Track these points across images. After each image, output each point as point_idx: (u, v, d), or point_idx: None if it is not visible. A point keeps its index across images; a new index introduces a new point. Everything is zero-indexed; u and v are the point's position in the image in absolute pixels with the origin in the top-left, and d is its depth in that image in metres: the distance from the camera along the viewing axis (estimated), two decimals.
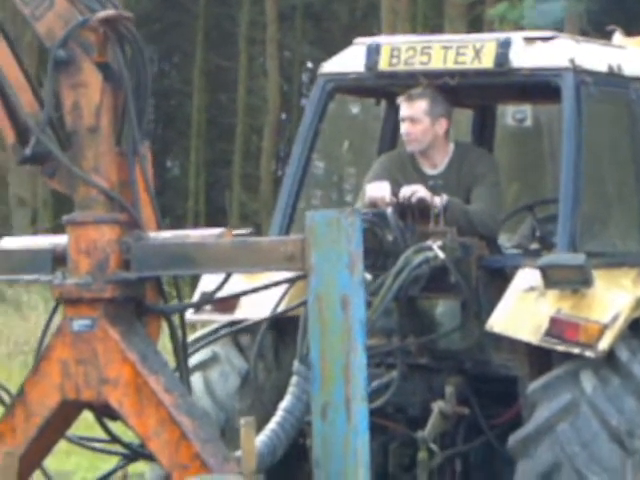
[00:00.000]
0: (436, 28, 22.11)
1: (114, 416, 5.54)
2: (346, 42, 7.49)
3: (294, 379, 5.87)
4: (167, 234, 5.65)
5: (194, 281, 6.55)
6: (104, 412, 5.56)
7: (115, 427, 5.71)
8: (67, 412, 5.56)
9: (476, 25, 21.39)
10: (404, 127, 6.85)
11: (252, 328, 6.59)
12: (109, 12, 5.42)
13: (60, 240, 5.58)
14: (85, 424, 5.78)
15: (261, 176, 28.39)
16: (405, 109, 6.83)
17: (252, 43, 29.61)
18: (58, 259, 5.50)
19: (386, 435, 6.36)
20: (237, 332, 6.70)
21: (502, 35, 7.00)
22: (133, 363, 5.34)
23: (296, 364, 5.88)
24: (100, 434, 5.80)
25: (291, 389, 5.89)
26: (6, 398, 5.69)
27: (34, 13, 5.42)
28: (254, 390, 6.61)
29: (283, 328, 6.45)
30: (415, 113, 6.80)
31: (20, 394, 5.56)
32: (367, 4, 28.00)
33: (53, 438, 5.65)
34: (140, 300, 5.52)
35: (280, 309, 6.32)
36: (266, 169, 28.34)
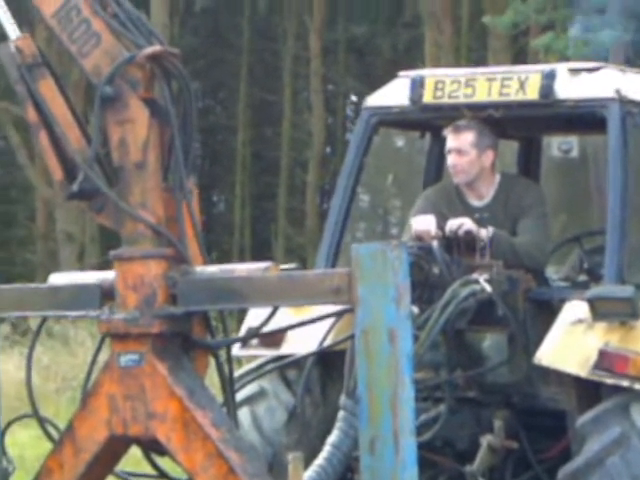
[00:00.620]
0: (480, 60, 22.13)
1: (162, 451, 5.54)
2: (390, 75, 7.50)
3: (341, 414, 5.89)
4: (213, 268, 5.64)
5: (241, 315, 6.55)
6: (152, 447, 5.57)
7: (163, 462, 5.71)
8: (115, 447, 5.56)
9: (521, 57, 21.37)
10: (451, 159, 6.84)
11: (299, 362, 6.58)
12: (155, 48, 5.43)
13: (107, 275, 5.57)
14: (133, 460, 5.77)
15: (306, 210, 28.41)
16: (452, 141, 6.82)
17: (296, 77, 29.70)
18: (106, 294, 5.50)
19: (434, 469, 6.34)
20: (284, 367, 6.68)
21: (547, 66, 7.00)
22: (180, 398, 5.34)
23: (343, 398, 5.89)
24: (148, 470, 5.80)
25: (338, 424, 5.90)
26: (54, 434, 5.70)
27: (81, 50, 5.45)
28: (301, 425, 6.61)
29: (330, 362, 6.44)
30: (462, 145, 6.79)
31: (68, 429, 5.56)
32: (410, 38, 28.04)
33: (101, 474, 5.65)
34: (187, 335, 5.51)
35: (327, 343, 6.33)
36: (311, 203, 28.36)
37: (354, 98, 31.55)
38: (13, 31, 5.60)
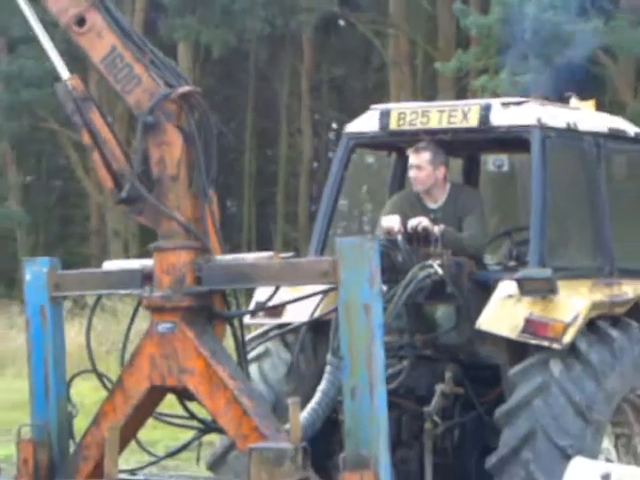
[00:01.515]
0: (432, 97, 22.06)
1: (191, 398, 5.55)
2: (363, 108, 7.47)
3: (328, 368, 5.85)
4: (229, 257, 5.66)
5: (249, 293, 6.53)
6: (184, 395, 5.57)
7: (192, 406, 5.71)
8: (155, 395, 5.57)
9: (463, 94, 21.33)
10: (412, 172, 6.80)
11: (295, 329, 6.55)
12: (185, 88, 5.43)
13: (147, 263, 5.58)
14: (169, 404, 5.77)
15: (299, 212, 28.44)
16: (413, 159, 6.78)
17: (290, 109, 29.65)
18: (146, 277, 5.50)
19: (400, 410, 6.32)
20: (284, 332, 6.65)
21: (483, 101, 6.96)
22: (205, 357, 5.35)
23: (329, 357, 5.85)
24: (181, 412, 5.80)
25: (326, 376, 5.86)
26: (108, 385, 5.71)
27: (124, 89, 5.43)
28: (297, 377, 6.55)
29: (319, 329, 6.39)
30: (421, 162, 6.74)
31: (119, 382, 5.58)
32: (378, 79, 28.04)
33: (144, 416, 5.67)
34: (210, 308, 5.52)
35: (316, 314, 6.28)
36: (302, 206, 28.37)
37: (335, 125, 31.51)
38: (65, 72, 5.55)
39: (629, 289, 6.67)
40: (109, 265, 6.09)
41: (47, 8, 5.50)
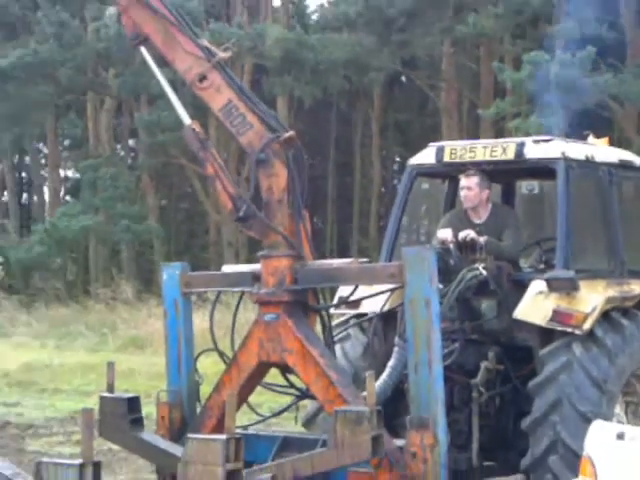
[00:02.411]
0: (475, 137, 21.88)
1: (290, 371, 5.57)
2: (420, 145, 7.43)
3: (396, 348, 5.84)
4: (318, 262, 5.65)
5: (333, 290, 6.52)
6: (284, 369, 5.59)
7: (291, 378, 5.73)
8: (262, 369, 5.60)
9: (500, 134, 21.13)
10: (463, 192, 6.74)
11: (370, 318, 6.52)
12: (289, 134, 5.41)
13: (256, 267, 5.59)
14: (273, 375, 5.79)
15: (370, 227, 28.42)
16: (464, 181, 6.72)
17: (363, 146, 29.65)
18: (255, 278, 5.52)
19: (453, 382, 6.27)
20: (361, 321, 6.64)
21: (519, 139, 6.89)
22: (301, 340, 5.36)
23: (397, 339, 5.84)
24: (281, 382, 5.82)
25: (394, 354, 5.85)
26: (226, 361, 5.74)
27: (239, 132, 5.42)
28: (371, 355, 6.52)
29: (388, 318, 6.37)
30: (470, 184, 6.69)
31: (234, 358, 5.61)
32: (432, 122, 27.86)
33: (253, 385, 5.70)
34: (304, 302, 5.52)
35: (386, 307, 6.24)
36: (373, 222, 28.32)
37: (398, 159, 31.45)
38: (187, 118, 5.53)
39: (636, 287, 6.53)
40: (227, 268, 6.15)
41: (175, 68, 5.50)
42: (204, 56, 5.43)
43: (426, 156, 6.99)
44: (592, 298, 6.15)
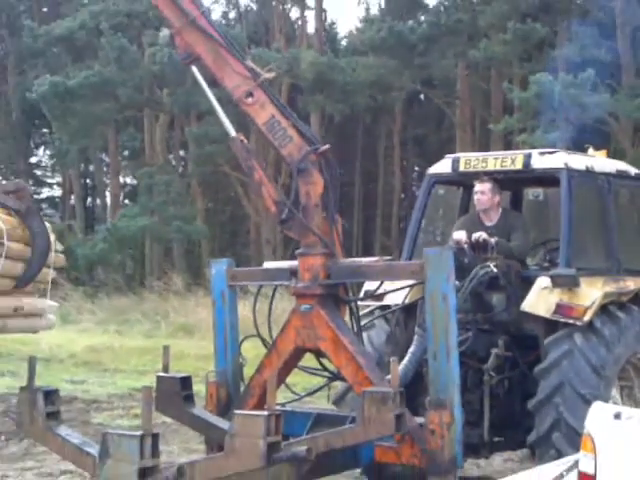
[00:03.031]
0: (486, 149, 21.74)
1: (323, 356, 5.56)
2: (437, 156, 7.37)
3: (416, 336, 5.81)
4: (348, 260, 5.62)
5: (360, 285, 6.48)
6: (318, 354, 5.58)
7: (325, 362, 5.71)
8: (298, 354, 5.59)
9: (508, 147, 20.97)
10: (477, 196, 6.71)
11: (393, 310, 6.52)
12: (325, 147, 5.39)
13: (293, 263, 5.58)
14: (308, 359, 5.79)
15: (391, 228, 28.31)
16: (478, 187, 6.69)
17: (386, 157, 29.58)
18: (293, 273, 5.51)
19: (467, 367, 6.25)
20: (385, 312, 6.63)
21: (526, 151, 6.83)
22: (333, 328, 5.35)
23: (417, 328, 5.82)
24: (315, 365, 5.81)
25: (414, 342, 5.81)
26: (266, 346, 5.74)
27: (280, 144, 5.39)
28: (394, 342, 6.51)
29: (409, 309, 6.36)
30: (484, 189, 6.66)
31: (273, 344, 5.61)
32: (448, 135, 27.72)
33: (290, 368, 5.69)
34: (336, 295, 5.50)
35: (407, 300, 6.22)
36: (394, 224, 28.22)
37: (416, 168, 31.34)
38: (232, 131, 5.48)
39: (631, 283, 6.46)
40: (268, 264, 6.16)
41: (223, 86, 5.44)
42: (250, 76, 5.40)
43: (443, 166, 6.95)
44: (591, 293, 6.10)
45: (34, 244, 5.15)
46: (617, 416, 3.45)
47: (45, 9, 31.74)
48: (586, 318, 5.99)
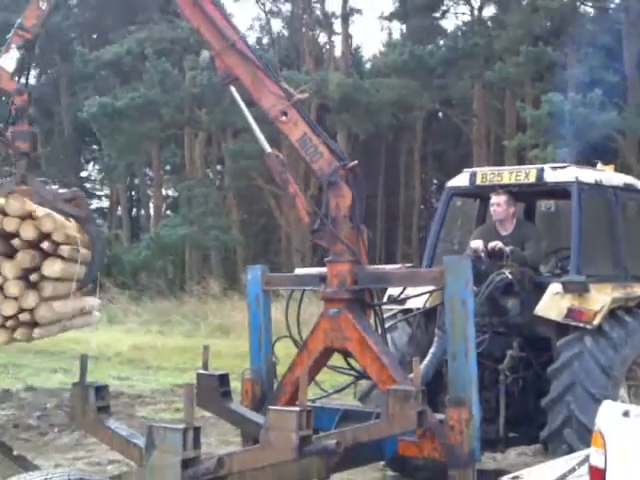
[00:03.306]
0: (501, 164, 21.61)
1: (350, 356, 5.52)
2: (455, 171, 7.33)
3: (436, 338, 5.80)
4: (373, 267, 5.59)
5: (383, 290, 6.44)
6: (346, 353, 5.55)
7: (351, 361, 5.67)
8: (327, 353, 5.56)
9: (521, 162, 20.84)
10: (493, 207, 6.67)
11: (415, 313, 6.48)
12: (353, 163, 5.37)
13: (322, 270, 5.54)
14: (336, 358, 5.78)
15: (412, 237, 28.22)
16: (495, 199, 6.65)
17: (407, 171, 29.48)
18: (322, 279, 5.47)
19: (484, 367, 6.21)
20: (408, 316, 6.60)
21: (539, 165, 6.78)
22: (359, 330, 5.32)
23: (437, 330, 5.80)
24: (343, 364, 5.77)
25: (434, 343, 5.80)
26: (298, 346, 5.71)
27: (312, 159, 5.36)
28: (416, 344, 6.49)
29: (430, 313, 6.32)
30: (500, 201, 6.62)
31: (304, 344, 5.58)
32: (465, 151, 27.62)
33: (320, 366, 5.65)
34: (362, 299, 5.46)
35: (428, 305, 6.18)
36: (415, 233, 28.15)
37: (435, 181, 31.23)
38: (267, 147, 5.44)
39: (638, 289, 6.41)
40: (299, 271, 6.16)
41: (260, 105, 5.42)
42: (285, 96, 5.39)
43: (461, 179, 6.92)
44: (600, 298, 6.06)
45: (94, 248, 5.17)
46: (626, 414, 3.42)
47: (95, 36, 32.12)
48: (596, 322, 5.95)
